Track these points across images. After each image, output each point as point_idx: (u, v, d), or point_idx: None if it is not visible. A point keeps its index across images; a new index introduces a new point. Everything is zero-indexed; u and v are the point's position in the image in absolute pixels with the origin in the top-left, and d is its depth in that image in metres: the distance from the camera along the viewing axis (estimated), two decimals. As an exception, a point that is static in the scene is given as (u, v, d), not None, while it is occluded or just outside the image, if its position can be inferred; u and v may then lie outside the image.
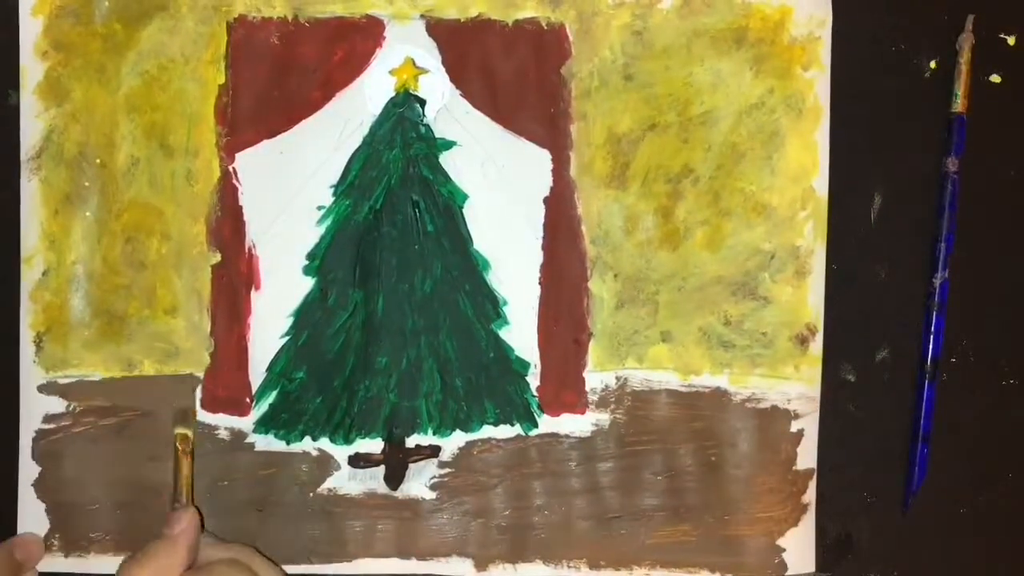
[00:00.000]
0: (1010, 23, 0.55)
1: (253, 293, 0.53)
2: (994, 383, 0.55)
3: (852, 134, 0.54)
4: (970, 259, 0.54)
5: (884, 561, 0.55)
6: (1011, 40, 0.55)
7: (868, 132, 0.54)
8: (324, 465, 0.54)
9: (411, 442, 0.54)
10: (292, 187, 0.53)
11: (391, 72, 0.53)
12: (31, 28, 0.53)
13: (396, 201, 0.53)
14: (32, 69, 0.53)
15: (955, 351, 0.55)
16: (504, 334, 0.54)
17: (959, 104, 0.54)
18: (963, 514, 0.55)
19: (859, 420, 0.54)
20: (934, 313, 0.54)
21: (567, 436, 0.54)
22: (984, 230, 0.55)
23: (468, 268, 0.54)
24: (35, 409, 0.53)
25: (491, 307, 0.54)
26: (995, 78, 0.55)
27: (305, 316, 0.53)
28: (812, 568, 0.54)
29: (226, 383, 0.53)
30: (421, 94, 0.53)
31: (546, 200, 0.54)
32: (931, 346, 0.54)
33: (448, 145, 0.53)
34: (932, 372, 0.54)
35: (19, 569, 0.51)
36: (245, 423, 0.54)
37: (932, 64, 0.54)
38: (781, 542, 0.54)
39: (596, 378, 0.54)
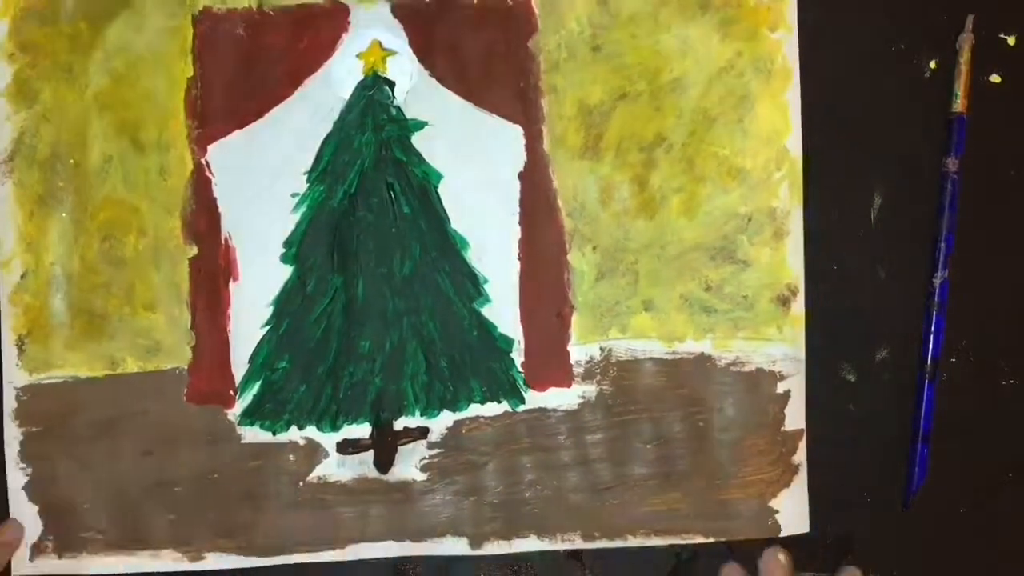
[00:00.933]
0: (1010, 23, 0.55)
1: (232, 284, 0.53)
2: (994, 383, 0.55)
3: (848, 136, 0.54)
4: (970, 259, 0.54)
5: (884, 561, 0.55)
6: (1011, 40, 0.55)
7: (866, 133, 0.54)
8: (312, 453, 0.54)
9: (399, 425, 0.54)
10: (265, 176, 0.53)
11: (358, 56, 0.53)
12: (-4, 31, 0.53)
13: (370, 184, 0.53)
14: (0, 72, 0.53)
15: (955, 351, 0.55)
16: (486, 312, 0.54)
17: (959, 104, 0.54)
18: (963, 514, 0.55)
19: (859, 420, 0.54)
20: (934, 313, 0.54)
21: (555, 410, 0.54)
22: (984, 230, 0.54)
23: (447, 248, 0.54)
24: (21, 412, 0.53)
25: (472, 286, 0.54)
26: (995, 78, 0.55)
27: (285, 304, 0.53)
28: (807, 528, 0.54)
29: (209, 376, 0.53)
30: (390, 76, 0.53)
31: (521, 175, 0.54)
32: (931, 346, 0.54)
33: (419, 126, 0.53)
34: (932, 372, 0.54)
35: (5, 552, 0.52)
36: (230, 415, 0.53)
37: (932, 64, 0.54)
38: (774, 503, 0.53)
39: (580, 351, 0.54)
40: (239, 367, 0.53)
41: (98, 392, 0.53)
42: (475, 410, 0.54)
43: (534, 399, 0.54)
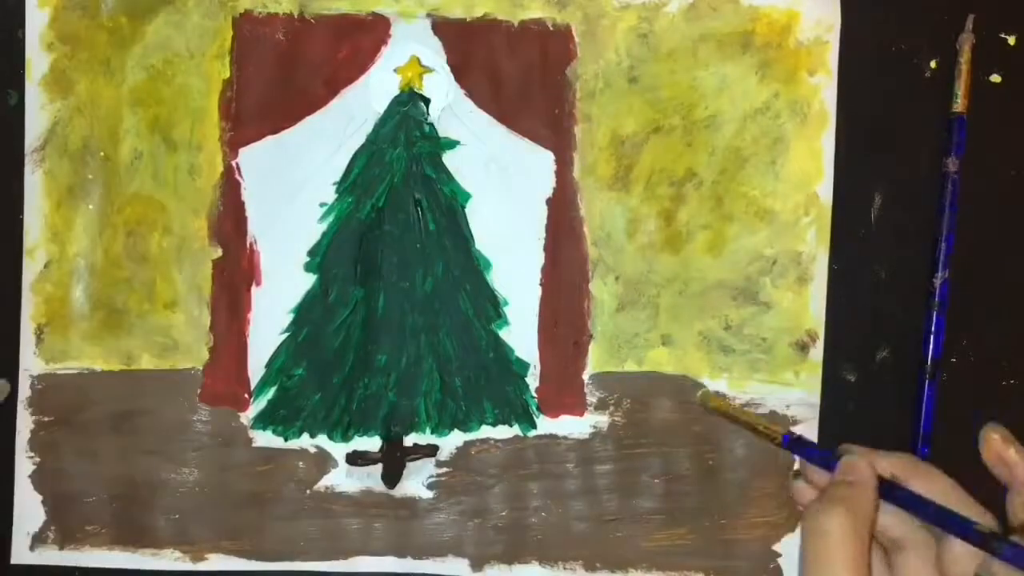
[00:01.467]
0: (1010, 23, 0.54)
1: (254, 289, 0.53)
2: (994, 383, 0.55)
3: (854, 137, 0.54)
4: (970, 259, 0.54)
5: None
6: (1011, 40, 0.54)
7: (869, 134, 0.54)
8: (321, 462, 0.54)
9: (409, 441, 0.54)
10: (295, 183, 0.53)
11: (396, 70, 0.53)
12: (37, 20, 0.53)
13: (399, 199, 0.53)
14: (38, 61, 0.53)
15: (955, 351, 0.55)
16: (504, 334, 0.54)
17: (959, 104, 0.53)
18: None
19: (859, 420, 0.54)
20: (934, 313, 0.54)
21: (565, 438, 0.54)
22: (984, 230, 0.54)
23: (469, 268, 0.54)
24: (34, 401, 0.53)
25: (491, 307, 0.54)
26: (995, 78, 0.55)
27: (305, 313, 0.53)
28: (808, 575, 0.54)
29: (225, 378, 0.53)
30: (425, 93, 0.53)
31: (548, 201, 0.54)
32: (931, 346, 0.54)
33: (452, 144, 0.53)
34: (932, 372, 0.54)
35: None
36: (243, 419, 0.54)
37: (932, 64, 0.54)
38: (777, 547, 0.53)
39: (595, 380, 0.54)
40: (255, 371, 0.54)
41: (112, 386, 0.53)
42: (486, 432, 0.54)
43: (545, 425, 0.54)
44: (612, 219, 0.54)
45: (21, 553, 0.54)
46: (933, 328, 0.54)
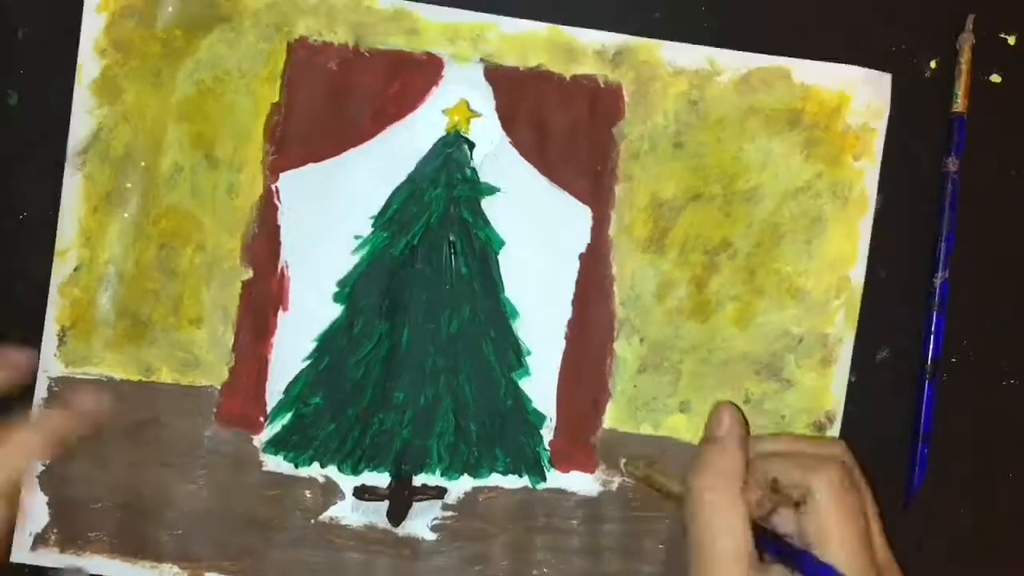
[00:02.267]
0: (1010, 23, 0.54)
1: (280, 313, 0.53)
2: (994, 383, 0.55)
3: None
4: (970, 259, 0.54)
5: None
6: (1011, 40, 0.54)
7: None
8: (329, 493, 0.54)
9: (418, 481, 0.54)
10: (332, 213, 0.53)
11: (444, 111, 0.53)
12: (93, 24, 0.53)
13: (434, 239, 0.53)
14: (89, 65, 0.53)
15: (955, 351, 0.55)
16: (524, 384, 0.54)
17: (959, 104, 0.54)
18: (963, 514, 0.55)
19: (859, 420, 0.54)
20: (934, 313, 0.54)
21: (574, 494, 0.54)
22: (984, 230, 0.54)
23: (496, 314, 0.54)
24: (50, 403, 0.53)
25: (514, 356, 0.54)
26: (995, 78, 0.55)
27: (329, 342, 0.53)
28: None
29: (242, 399, 0.53)
30: (471, 137, 0.53)
31: (581, 256, 0.54)
32: (931, 346, 0.54)
33: (492, 190, 0.53)
34: (932, 372, 0.54)
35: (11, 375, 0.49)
36: (256, 441, 0.54)
37: (932, 64, 0.54)
38: (776, 625, 0.53)
39: (609, 438, 0.54)
40: (273, 395, 0.54)
41: (129, 396, 0.53)
42: (495, 480, 0.54)
43: (555, 479, 0.54)
44: (643, 281, 0.54)
45: (22, 552, 0.53)
46: (933, 328, 0.54)
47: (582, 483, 0.54)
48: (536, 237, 0.54)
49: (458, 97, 0.53)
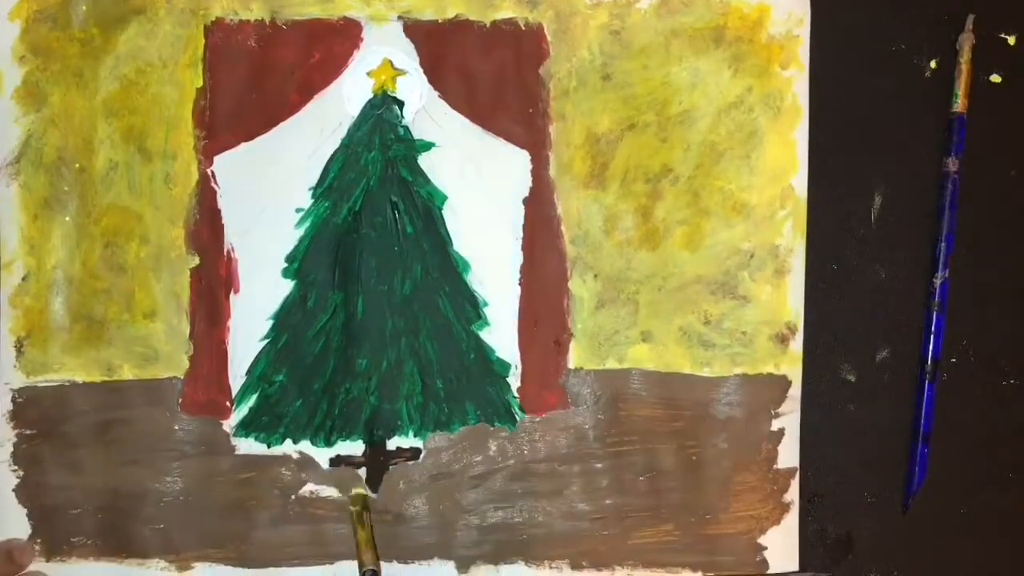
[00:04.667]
0: (1010, 23, 0.55)
1: (232, 296, 0.53)
2: (994, 383, 0.55)
3: (848, 136, 0.54)
4: (970, 259, 0.54)
5: (884, 561, 0.55)
6: (1011, 40, 0.55)
7: (866, 133, 0.54)
8: (305, 468, 0.54)
9: (392, 444, 0.54)
10: (270, 189, 0.53)
11: (369, 74, 0.53)
12: (8, 33, 0.53)
13: (375, 203, 0.53)
14: (10, 74, 0.53)
15: (955, 351, 0.55)
16: (484, 335, 0.54)
17: (959, 104, 0.54)
18: (963, 514, 0.55)
19: (859, 420, 0.54)
20: (934, 313, 0.54)
21: (548, 437, 0.54)
22: (984, 230, 0.55)
23: (448, 269, 0.54)
24: (15, 415, 0.53)
25: (471, 308, 0.54)
26: (995, 78, 0.55)
27: (285, 319, 0.53)
28: (795, 567, 0.54)
29: (206, 386, 0.53)
30: (399, 95, 0.53)
31: (525, 201, 0.54)
32: (931, 346, 0.54)
33: (427, 146, 0.53)
34: (932, 372, 0.54)
35: (16, 569, 0.52)
36: (225, 426, 0.53)
37: (932, 64, 0.54)
38: (763, 540, 0.54)
39: (576, 378, 0.54)
40: (236, 379, 0.53)
41: (93, 398, 0.53)
42: (469, 433, 0.54)
43: (528, 425, 0.54)
44: (589, 217, 0.54)
45: (7, 567, 0.53)
46: (933, 328, 0.54)
47: (555, 426, 0.54)
48: (478, 187, 0.53)
49: (381, 58, 0.53)
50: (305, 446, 0.54)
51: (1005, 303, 0.55)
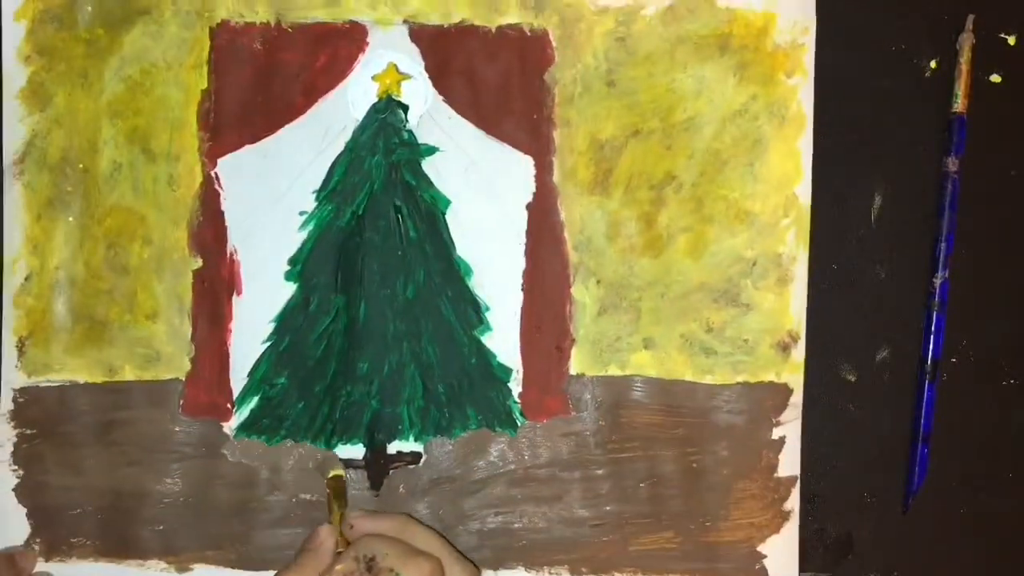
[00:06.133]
0: (1010, 23, 0.55)
1: (235, 298, 0.53)
2: (994, 383, 0.55)
3: (848, 136, 0.54)
4: (970, 259, 0.54)
5: (884, 561, 0.55)
6: (1011, 40, 0.55)
7: (866, 133, 0.54)
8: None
9: (393, 448, 0.54)
10: (274, 192, 0.53)
11: (374, 78, 0.53)
12: (14, 33, 0.53)
13: (379, 207, 0.53)
14: (15, 74, 0.53)
15: (955, 351, 0.55)
16: (486, 340, 0.54)
17: (959, 104, 0.54)
18: (963, 514, 0.55)
19: (859, 420, 0.54)
20: (934, 313, 0.54)
21: (549, 443, 0.54)
22: (984, 230, 0.55)
23: (451, 274, 0.54)
24: (16, 414, 0.53)
25: (473, 313, 0.54)
26: (995, 78, 0.55)
27: (287, 321, 0.53)
28: (795, 574, 0.54)
29: (207, 388, 0.53)
30: (404, 100, 0.53)
31: (529, 206, 0.54)
32: (931, 346, 0.54)
33: (431, 151, 0.53)
34: (932, 372, 0.54)
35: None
36: (226, 428, 0.53)
37: (932, 64, 0.54)
38: (762, 548, 0.54)
39: (578, 384, 0.54)
40: (237, 381, 0.53)
41: (95, 398, 0.53)
42: (470, 438, 0.54)
43: (529, 430, 0.54)
44: (592, 223, 0.54)
45: (6, 566, 0.53)
46: (933, 328, 0.54)
47: (556, 431, 0.54)
48: (481, 192, 0.53)
49: (386, 62, 0.53)
50: (306, 449, 0.54)
51: (1005, 303, 0.55)
